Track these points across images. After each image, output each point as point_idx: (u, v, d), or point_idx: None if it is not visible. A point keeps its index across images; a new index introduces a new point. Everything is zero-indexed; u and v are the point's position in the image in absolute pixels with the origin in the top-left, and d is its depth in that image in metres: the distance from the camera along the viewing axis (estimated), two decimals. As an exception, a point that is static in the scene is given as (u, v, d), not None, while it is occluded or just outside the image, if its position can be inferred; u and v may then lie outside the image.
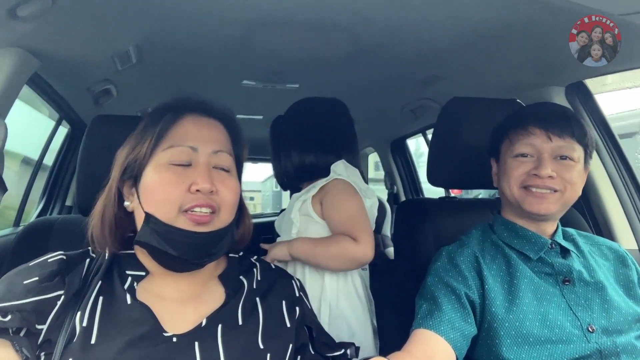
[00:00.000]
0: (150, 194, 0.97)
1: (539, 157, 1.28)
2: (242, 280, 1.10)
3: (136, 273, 1.01)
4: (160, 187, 0.96)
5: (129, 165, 1.01)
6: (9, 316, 0.85)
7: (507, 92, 2.02)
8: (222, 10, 1.52)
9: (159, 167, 0.98)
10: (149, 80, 2.28)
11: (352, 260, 1.48)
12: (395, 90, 2.52)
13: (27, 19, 1.25)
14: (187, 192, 0.95)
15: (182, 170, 0.98)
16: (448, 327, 1.18)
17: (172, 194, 0.95)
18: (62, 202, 2.75)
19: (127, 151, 1.02)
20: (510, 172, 1.32)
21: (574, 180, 1.27)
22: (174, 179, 0.96)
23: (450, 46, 1.75)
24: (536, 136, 1.29)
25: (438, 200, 1.82)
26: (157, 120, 1.03)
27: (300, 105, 1.71)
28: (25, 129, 2.80)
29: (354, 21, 1.55)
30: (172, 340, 0.93)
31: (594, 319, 1.22)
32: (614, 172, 1.92)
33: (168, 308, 0.98)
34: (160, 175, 0.97)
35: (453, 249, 1.36)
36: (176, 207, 0.95)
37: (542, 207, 1.27)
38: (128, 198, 1.02)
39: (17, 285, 0.90)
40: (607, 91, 5.58)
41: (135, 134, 1.05)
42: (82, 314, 0.91)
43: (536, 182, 1.27)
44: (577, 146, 1.29)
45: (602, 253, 1.39)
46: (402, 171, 3.97)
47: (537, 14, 1.36)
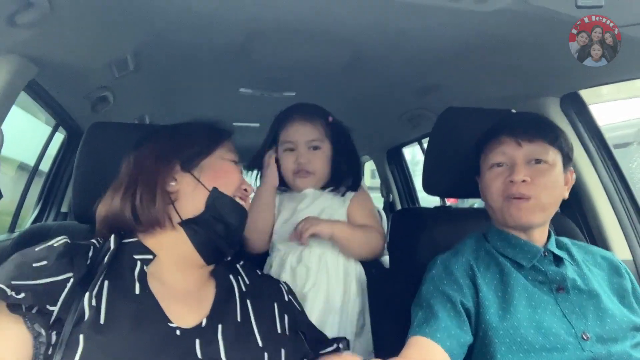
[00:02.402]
0: (221, 173, 1.14)
1: (512, 165, 1.30)
2: (231, 279, 1.16)
3: (144, 257, 1.05)
4: (233, 171, 1.17)
5: (189, 153, 1.13)
6: (22, 294, 0.86)
7: (503, 103, 2.03)
8: (220, 19, 1.52)
9: (222, 159, 1.17)
10: (146, 87, 2.28)
11: (376, 248, 1.63)
12: (391, 99, 2.54)
13: (26, 26, 1.26)
14: (239, 187, 1.16)
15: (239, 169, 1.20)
16: (444, 334, 1.18)
17: (237, 177, 1.17)
18: (58, 208, 2.74)
19: (184, 142, 1.16)
20: (489, 183, 1.34)
21: (548, 184, 1.28)
22: (236, 171, 1.18)
23: (447, 56, 1.76)
24: (507, 144, 1.31)
25: (434, 209, 1.83)
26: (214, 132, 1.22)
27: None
28: (22, 135, 2.79)
29: (352, 31, 1.56)
30: (175, 332, 0.96)
31: (589, 326, 1.23)
32: (608, 182, 1.93)
33: (173, 299, 1.02)
34: (228, 164, 1.17)
35: (448, 257, 1.37)
36: (234, 189, 1.14)
37: (522, 215, 1.28)
38: (173, 179, 1.10)
39: (27, 267, 0.91)
40: (602, 102, 5.63)
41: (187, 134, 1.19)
42: (91, 296, 0.92)
43: (512, 190, 1.28)
44: (551, 149, 1.30)
45: (596, 262, 1.39)
46: (398, 180, 3.98)
47: (532, 25, 1.37)
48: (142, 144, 1.15)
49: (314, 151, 1.62)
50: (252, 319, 1.08)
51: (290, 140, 1.63)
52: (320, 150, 1.63)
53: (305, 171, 1.61)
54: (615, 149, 1.98)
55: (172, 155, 1.12)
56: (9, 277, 0.87)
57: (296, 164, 1.62)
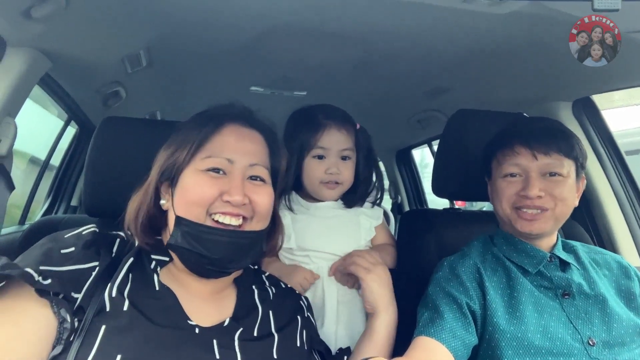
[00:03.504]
0: (184, 194, 1.01)
1: (526, 177, 1.29)
2: (254, 289, 1.14)
3: (160, 258, 1.05)
4: (194, 188, 1.01)
5: (167, 168, 1.05)
6: (49, 280, 0.87)
7: (514, 106, 2.03)
8: (233, 17, 1.53)
9: (196, 171, 1.02)
10: (158, 83, 2.29)
11: (391, 264, 1.60)
12: (402, 101, 2.53)
13: (41, 20, 1.27)
14: (218, 198, 1.00)
15: (217, 177, 1.02)
16: (449, 335, 1.18)
17: (204, 196, 0.99)
18: (68, 202, 2.77)
19: (168, 154, 1.06)
20: (500, 192, 1.33)
21: (564, 195, 1.27)
22: (207, 183, 1.01)
23: (458, 59, 1.76)
24: (522, 155, 1.29)
25: (442, 211, 1.82)
26: (199, 127, 1.06)
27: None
28: (34, 129, 2.81)
29: (364, 31, 1.56)
30: (194, 330, 0.96)
31: (595, 332, 1.22)
32: (619, 188, 1.92)
33: (191, 299, 1.01)
34: (195, 179, 1.01)
35: (454, 259, 1.37)
36: (205, 209, 0.99)
37: (534, 227, 1.28)
38: (164, 197, 1.06)
39: (56, 253, 0.92)
40: (614, 107, 5.59)
41: (177, 138, 1.08)
42: (112, 287, 0.93)
43: (526, 203, 1.28)
44: (566, 161, 1.29)
45: (605, 262, 1.39)
46: (407, 181, 3.97)
47: (545, 28, 1.36)
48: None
49: (343, 161, 1.53)
50: (272, 329, 1.07)
51: (323, 146, 1.50)
52: (350, 160, 1.54)
53: (335, 182, 1.52)
54: (627, 155, 1.96)
55: (162, 168, 1.06)
56: (37, 262, 0.88)
57: (327, 174, 1.51)
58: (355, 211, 1.60)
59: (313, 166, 1.52)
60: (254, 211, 1.03)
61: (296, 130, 1.54)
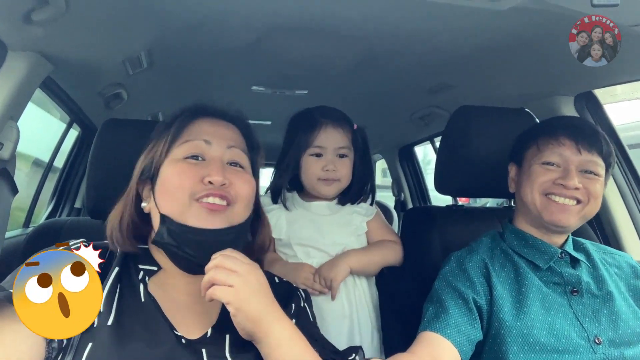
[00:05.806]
0: (164, 185, 0.99)
1: (565, 168, 1.29)
2: None
3: (148, 267, 1.04)
4: (173, 177, 0.99)
5: (146, 166, 1.04)
6: None
7: (516, 101, 2.02)
8: (233, 16, 1.53)
9: (174, 161, 1.01)
10: (160, 85, 2.30)
11: (395, 260, 1.62)
12: (404, 97, 2.53)
13: (41, 23, 1.27)
14: (200, 182, 0.98)
15: (196, 163, 1.01)
16: (454, 330, 1.18)
17: (185, 182, 0.97)
18: (72, 204, 2.78)
19: (146, 153, 1.06)
20: (534, 177, 1.32)
21: (597, 193, 1.28)
22: (187, 170, 0.99)
23: (460, 54, 1.75)
24: (566, 147, 1.29)
25: (445, 208, 1.82)
26: (173, 121, 1.07)
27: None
28: (37, 131, 2.82)
29: (365, 29, 1.56)
30: (181, 341, 0.94)
31: (601, 330, 1.22)
32: (623, 183, 1.91)
33: (178, 308, 1.00)
34: (174, 168, 1.00)
35: (462, 254, 1.37)
36: (187, 195, 0.97)
37: (563, 217, 1.28)
38: (146, 199, 1.04)
39: None
40: (616, 101, 5.57)
41: (153, 137, 1.08)
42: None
43: (561, 191, 1.27)
44: (602, 162, 1.30)
45: (615, 261, 1.39)
46: (410, 178, 3.97)
47: (546, 24, 1.36)
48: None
49: (340, 159, 1.59)
50: None
51: (319, 145, 1.56)
52: (347, 158, 1.60)
53: (332, 179, 1.58)
54: (630, 149, 1.96)
55: (141, 168, 1.05)
56: None
57: (324, 171, 1.57)
58: (348, 209, 1.64)
59: (311, 164, 1.58)
60: (237, 195, 1.01)
61: (295, 130, 1.61)
